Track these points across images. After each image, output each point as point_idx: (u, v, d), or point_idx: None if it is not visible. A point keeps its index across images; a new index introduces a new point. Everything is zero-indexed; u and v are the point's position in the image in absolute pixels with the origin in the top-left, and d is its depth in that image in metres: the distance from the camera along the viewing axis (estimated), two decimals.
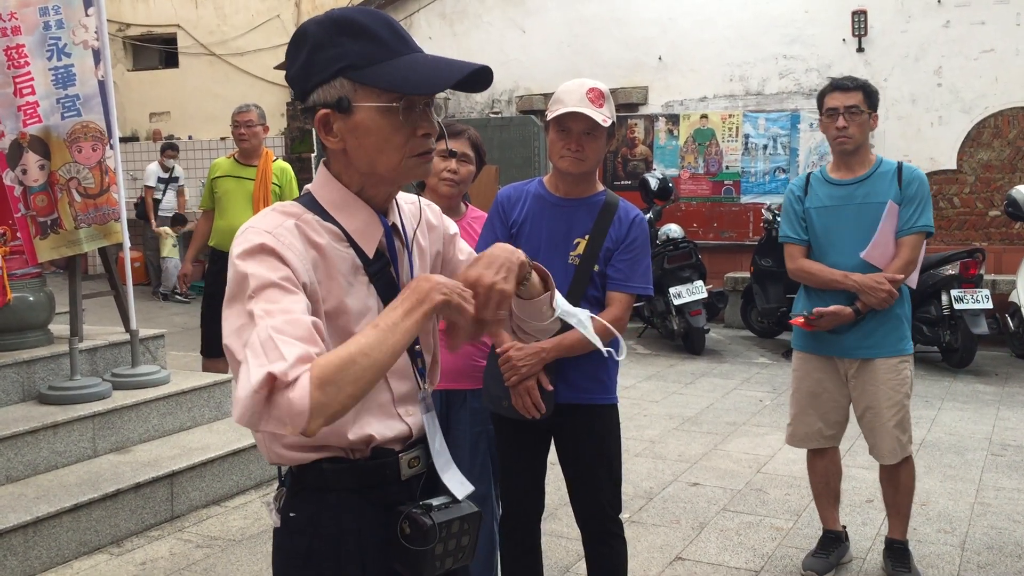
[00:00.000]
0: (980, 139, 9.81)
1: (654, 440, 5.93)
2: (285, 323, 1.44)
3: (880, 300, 3.62)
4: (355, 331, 1.59)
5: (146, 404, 5.04)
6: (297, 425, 1.39)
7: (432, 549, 1.62)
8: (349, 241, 1.63)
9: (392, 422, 1.69)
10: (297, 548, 1.67)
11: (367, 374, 1.44)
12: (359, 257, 1.64)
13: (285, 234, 1.55)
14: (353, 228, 1.64)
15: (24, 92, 4.79)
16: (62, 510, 4.07)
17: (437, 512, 1.64)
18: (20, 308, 5.04)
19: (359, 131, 1.58)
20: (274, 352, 1.39)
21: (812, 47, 10.39)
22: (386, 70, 1.55)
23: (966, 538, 4.29)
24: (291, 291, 1.49)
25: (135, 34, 15.45)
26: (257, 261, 1.51)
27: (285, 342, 1.41)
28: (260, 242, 1.52)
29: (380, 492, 1.67)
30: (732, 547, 4.22)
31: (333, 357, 1.42)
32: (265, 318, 1.44)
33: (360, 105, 1.56)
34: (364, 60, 1.55)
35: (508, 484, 3.09)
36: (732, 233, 10.66)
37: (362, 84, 1.56)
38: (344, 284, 1.61)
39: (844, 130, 3.65)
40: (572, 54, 11.30)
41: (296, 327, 1.44)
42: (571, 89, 2.81)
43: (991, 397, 7.03)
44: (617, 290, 2.92)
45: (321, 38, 1.58)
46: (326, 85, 1.58)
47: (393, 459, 1.68)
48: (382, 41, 1.56)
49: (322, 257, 1.59)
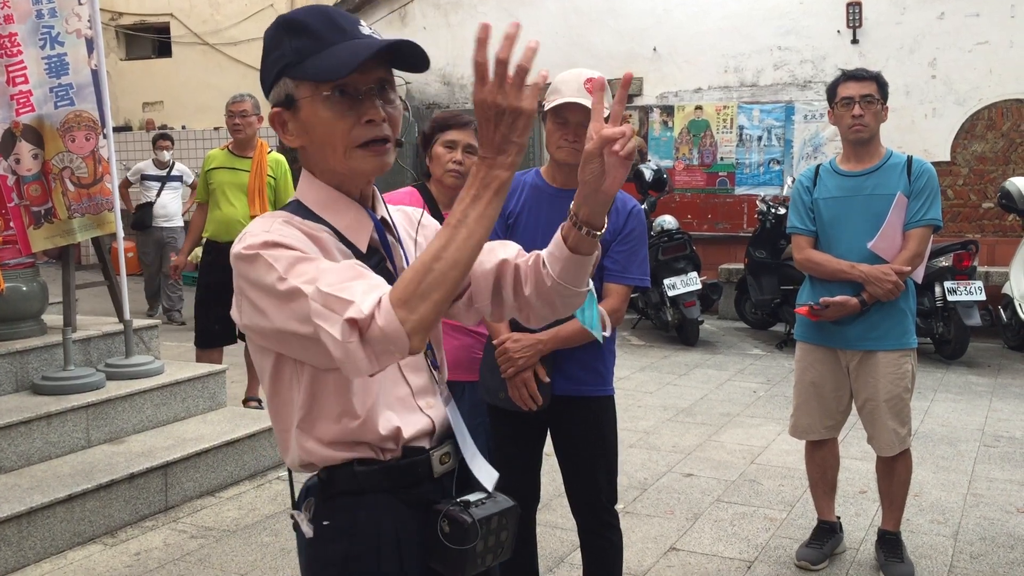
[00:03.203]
0: (974, 131, 9.82)
1: (648, 431, 5.94)
2: (331, 276, 1.43)
3: (886, 291, 3.62)
4: None
5: (140, 395, 5.03)
6: (401, 348, 1.38)
7: (474, 547, 1.60)
8: (341, 238, 1.61)
9: (415, 416, 1.67)
10: (333, 556, 1.63)
11: (449, 275, 1.40)
12: (354, 254, 1.61)
13: (283, 228, 1.53)
14: (343, 225, 1.62)
15: (17, 81, 4.77)
16: (56, 501, 4.06)
17: (476, 508, 1.63)
18: (13, 298, 5.03)
19: (307, 126, 1.58)
20: (338, 303, 1.39)
21: (807, 39, 10.39)
22: (314, 61, 1.54)
23: (958, 529, 4.30)
24: (314, 259, 1.48)
25: (128, 23, 15.37)
26: (270, 250, 1.49)
27: (343, 289, 1.40)
28: (265, 239, 1.50)
29: (414, 491, 1.65)
30: (726, 537, 4.23)
31: (408, 272, 1.40)
32: (309, 286, 1.42)
33: (302, 100, 1.56)
34: (299, 56, 1.55)
35: (503, 475, 3.08)
36: (726, 224, 10.67)
37: (298, 79, 1.56)
38: None
39: (860, 118, 3.66)
40: (567, 45, 11.27)
41: (342, 273, 1.44)
42: (568, 79, 2.80)
43: (984, 388, 7.05)
44: (614, 281, 2.92)
45: (270, 42, 1.60)
46: (276, 86, 1.60)
47: (424, 457, 1.67)
48: (316, 34, 1.55)
49: (322, 248, 1.56)
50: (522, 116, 1.40)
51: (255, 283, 1.49)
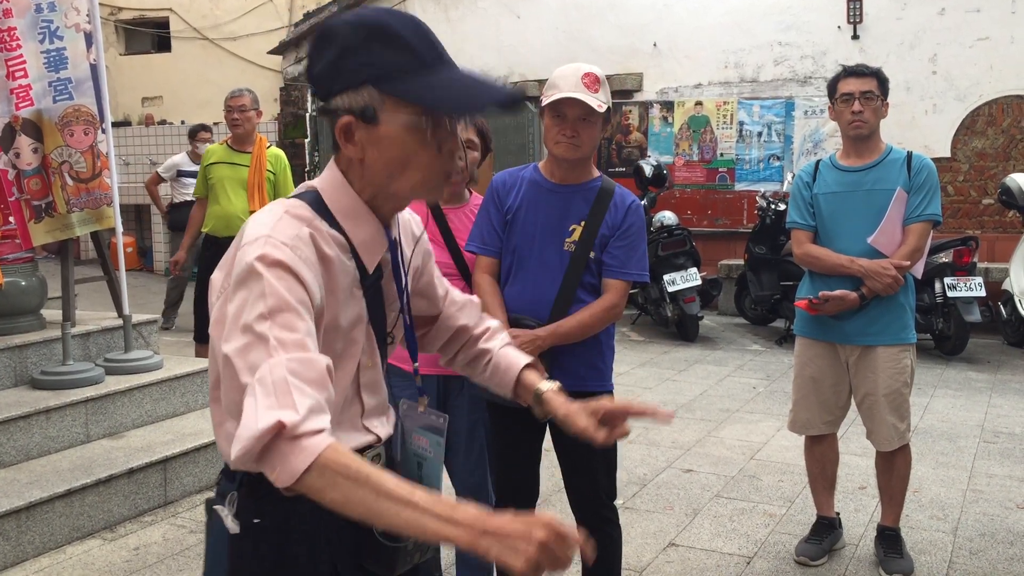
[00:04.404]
0: (974, 127, 9.80)
1: (647, 427, 5.94)
2: (300, 363, 1.36)
3: (885, 286, 3.62)
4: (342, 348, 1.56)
5: (139, 389, 5.02)
6: (283, 481, 1.32)
7: (405, 545, 1.61)
8: (352, 253, 1.57)
9: (357, 435, 1.64)
10: (264, 556, 1.56)
11: (357, 506, 1.31)
12: (358, 270, 1.58)
13: (303, 248, 1.47)
14: (359, 240, 1.57)
15: (16, 75, 4.76)
16: (55, 495, 4.06)
17: None
18: (12, 293, 5.03)
19: (382, 144, 1.51)
20: (286, 397, 1.32)
21: (807, 34, 10.37)
22: (418, 84, 1.46)
23: (958, 525, 4.30)
24: (305, 318, 1.42)
25: (127, 18, 15.34)
26: (276, 277, 1.42)
27: (298, 388, 1.34)
28: (279, 258, 1.43)
29: None
30: (725, 533, 4.23)
31: (352, 463, 1.31)
32: (280, 350, 1.36)
33: (387, 117, 1.49)
34: (396, 71, 1.47)
35: (502, 471, 3.09)
36: (726, 220, 10.65)
37: (391, 96, 1.48)
38: (341, 299, 1.55)
39: (860, 114, 3.66)
40: (567, 40, 11.26)
41: (310, 368, 1.37)
42: (567, 74, 2.79)
43: (983, 384, 7.05)
44: (613, 277, 2.91)
45: (351, 41, 1.49)
46: (352, 91, 1.49)
47: None
48: (415, 51, 1.48)
49: (328, 271, 1.52)
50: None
51: (238, 299, 1.43)
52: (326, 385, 1.39)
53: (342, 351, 1.57)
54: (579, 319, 2.86)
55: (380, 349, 1.67)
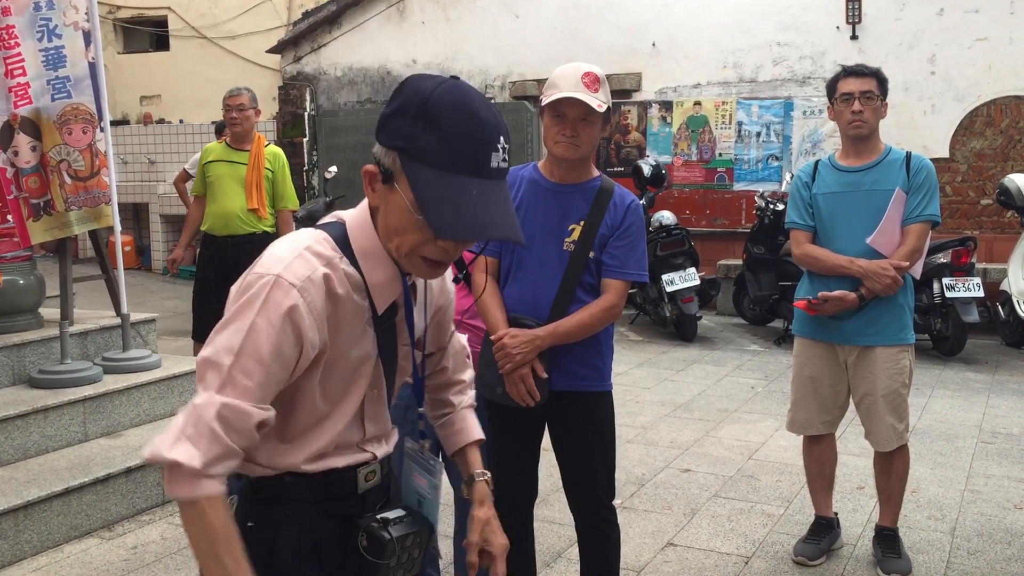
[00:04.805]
0: (973, 128, 9.81)
1: (646, 426, 5.94)
2: (233, 412, 1.51)
3: (884, 286, 3.62)
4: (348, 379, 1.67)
5: (137, 388, 5.02)
6: (168, 491, 1.53)
7: (388, 563, 1.68)
8: (367, 292, 1.64)
9: (355, 455, 1.74)
10: (254, 557, 1.61)
11: (197, 551, 1.52)
12: (371, 310, 1.66)
13: (311, 290, 1.55)
14: (374, 282, 1.64)
15: (15, 73, 4.76)
16: (53, 494, 4.06)
17: (394, 527, 1.70)
18: (10, 291, 5.02)
19: (389, 205, 1.58)
20: (202, 440, 1.50)
21: (806, 34, 10.37)
22: (432, 183, 1.50)
23: (956, 525, 4.31)
24: (269, 368, 1.53)
25: (126, 16, 15.32)
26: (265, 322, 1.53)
27: (216, 436, 1.50)
28: (279, 302, 1.53)
29: (338, 504, 1.72)
30: (723, 533, 4.23)
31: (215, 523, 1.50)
32: (227, 388, 1.52)
33: (400, 186, 1.55)
34: (421, 152, 1.51)
35: (501, 471, 3.07)
36: (725, 220, 10.66)
37: (406, 173, 1.53)
38: (351, 336, 1.64)
39: (860, 114, 3.66)
40: (566, 40, 11.25)
41: (241, 420, 1.52)
42: (566, 74, 2.79)
43: (981, 385, 7.06)
44: (612, 277, 2.90)
45: (410, 105, 1.53)
46: (386, 148, 1.56)
47: (351, 474, 1.74)
48: (447, 141, 1.50)
49: (337, 311, 1.60)
50: None
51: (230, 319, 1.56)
52: (250, 436, 1.54)
53: (348, 383, 1.68)
54: (578, 319, 2.85)
55: (388, 380, 1.75)
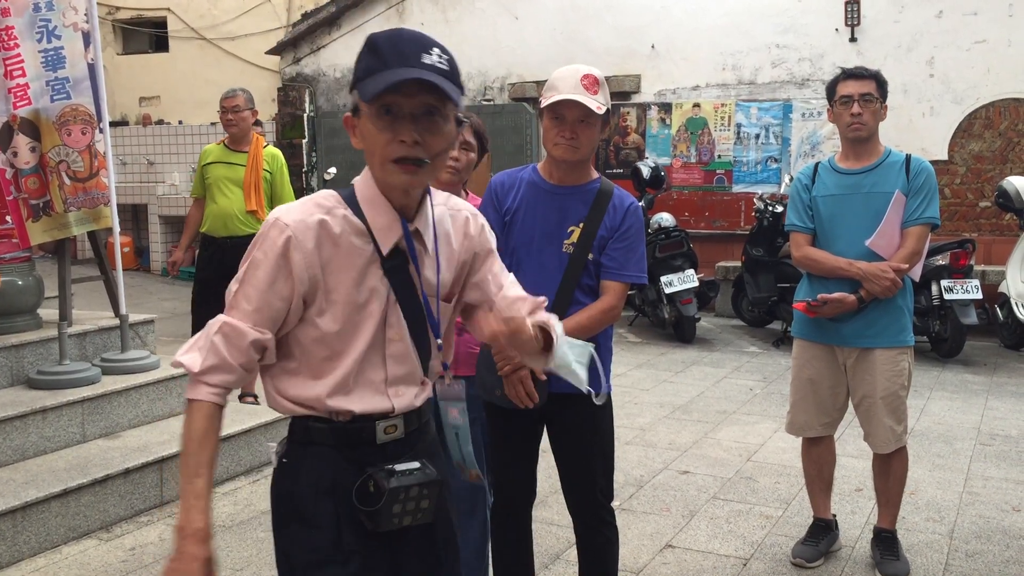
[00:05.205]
0: (971, 130, 9.82)
1: (644, 428, 5.94)
2: (233, 330, 1.81)
3: (883, 289, 3.63)
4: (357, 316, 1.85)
5: (136, 389, 5.02)
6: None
7: (389, 508, 1.83)
8: (371, 236, 1.84)
9: (378, 399, 1.90)
10: (282, 489, 1.94)
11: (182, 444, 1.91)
12: (377, 252, 1.85)
13: (302, 231, 1.80)
14: (376, 226, 1.85)
15: (15, 74, 4.76)
16: (51, 495, 4.05)
17: (398, 477, 1.85)
18: (9, 292, 5.02)
19: (362, 134, 1.82)
20: (206, 352, 1.82)
21: (805, 36, 10.38)
22: (367, 81, 1.75)
23: (954, 527, 4.31)
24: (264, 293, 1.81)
25: (125, 17, 15.31)
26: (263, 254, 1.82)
27: (216, 349, 1.81)
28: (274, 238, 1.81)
29: (357, 452, 1.89)
30: (722, 535, 4.23)
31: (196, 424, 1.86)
32: (232, 310, 1.83)
33: (362, 112, 1.80)
34: (365, 73, 1.77)
35: (500, 472, 3.08)
36: (724, 222, 10.66)
37: (359, 93, 1.78)
38: (355, 276, 1.84)
39: (859, 116, 3.66)
40: (565, 41, 11.26)
41: (238, 338, 1.81)
42: (565, 75, 2.79)
43: (980, 387, 7.06)
44: (611, 279, 2.90)
45: (360, 54, 1.81)
46: (352, 95, 1.84)
47: (370, 425, 1.90)
48: (381, 56, 1.76)
49: (336, 253, 1.83)
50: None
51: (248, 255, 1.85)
52: (246, 353, 1.82)
53: (357, 319, 1.86)
54: (577, 321, 2.85)
55: (413, 329, 1.91)
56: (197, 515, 1.81)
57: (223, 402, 1.86)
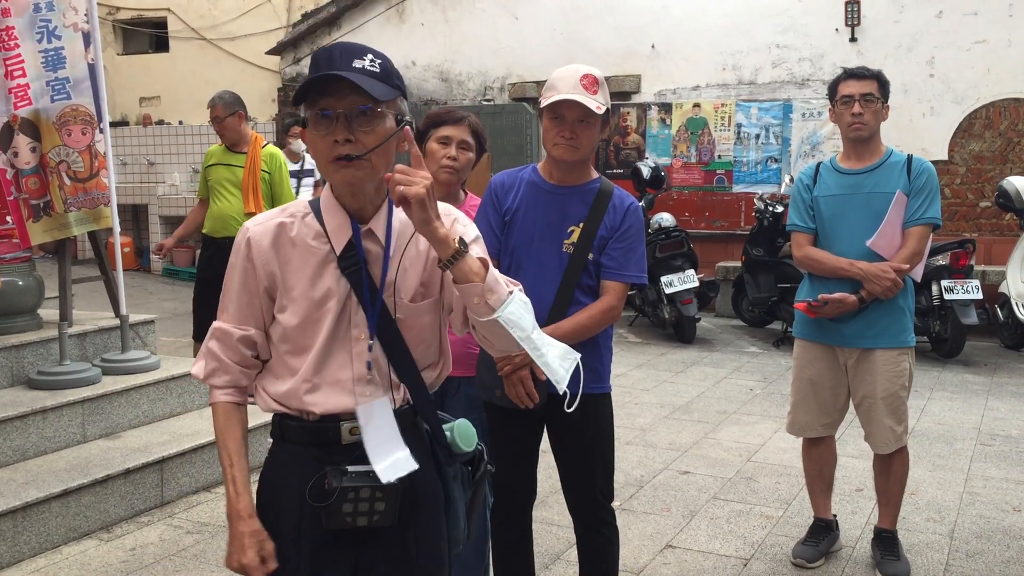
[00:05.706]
0: (972, 130, 9.82)
1: (645, 428, 5.94)
2: (222, 334, 2.00)
3: (884, 289, 3.63)
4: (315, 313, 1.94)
5: (136, 390, 5.02)
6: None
7: (339, 507, 1.89)
8: (327, 238, 1.95)
9: (342, 398, 1.96)
10: (262, 480, 2.08)
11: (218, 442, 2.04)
12: (333, 252, 1.95)
13: (260, 235, 1.97)
14: (331, 228, 1.96)
15: (15, 74, 4.76)
16: (51, 495, 4.05)
17: (349, 477, 1.90)
18: (9, 292, 5.01)
19: (309, 141, 1.91)
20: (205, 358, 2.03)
21: (805, 36, 10.38)
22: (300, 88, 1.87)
23: (955, 527, 4.31)
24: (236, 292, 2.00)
25: (125, 18, 15.32)
26: (234, 257, 2.00)
27: (213, 354, 2.00)
28: (238, 241, 1.99)
29: (324, 451, 1.97)
30: (722, 535, 4.23)
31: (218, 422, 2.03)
32: (222, 314, 2.02)
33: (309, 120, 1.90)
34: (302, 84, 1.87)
35: (500, 472, 3.08)
36: (724, 222, 10.66)
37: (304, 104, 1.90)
38: (310, 274, 1.95)
39: (859, 116, 3.67)
40: (565, 41, 11.26)
41: (226, 339, 2.00)
42: (565, 75, 2.79)
43: (980, 387, 7.06)
44: (611, 279, 2.90)
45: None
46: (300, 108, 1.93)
47: (335, 425, 1.97)
48: (317, 66, 1.86)
49: (294, 253, 1.96)
50: None
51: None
52: (237, 350, 2.00)
53: (316, 315, 1.95)
54: (577, 321, 2.85)
55: (371, 325, 1.96)
56: (235, 498, 1.96)
57: (238, 399, 2.03)
